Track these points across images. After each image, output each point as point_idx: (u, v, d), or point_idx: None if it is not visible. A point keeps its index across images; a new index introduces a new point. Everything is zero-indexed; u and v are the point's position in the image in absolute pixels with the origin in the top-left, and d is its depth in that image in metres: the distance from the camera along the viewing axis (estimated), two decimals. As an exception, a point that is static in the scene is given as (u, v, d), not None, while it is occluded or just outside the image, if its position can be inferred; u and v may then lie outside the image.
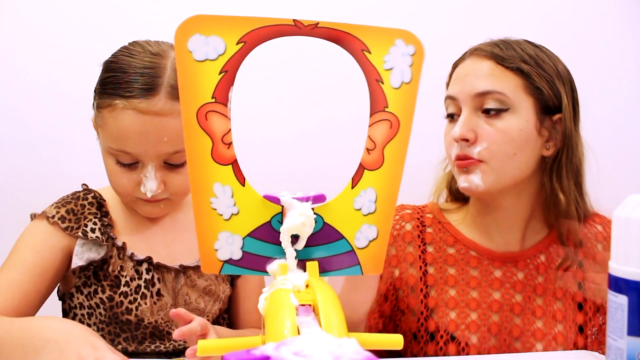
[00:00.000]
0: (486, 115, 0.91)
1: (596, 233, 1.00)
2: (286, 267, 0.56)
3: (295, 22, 0.54)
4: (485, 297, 0.95)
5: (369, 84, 0.57)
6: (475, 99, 0.91)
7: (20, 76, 1.43)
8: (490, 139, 0.89)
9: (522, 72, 0.90)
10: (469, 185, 0.91)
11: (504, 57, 0.91)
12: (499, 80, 0.90)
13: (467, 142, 0.91)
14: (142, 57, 0.88)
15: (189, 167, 0.54)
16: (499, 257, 0.97)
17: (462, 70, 0.95)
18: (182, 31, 0.52)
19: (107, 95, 0.87)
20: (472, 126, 0.91)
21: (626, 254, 0.52)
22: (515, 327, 0.94)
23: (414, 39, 0.57)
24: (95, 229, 0.92)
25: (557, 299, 0.96)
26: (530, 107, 0.91)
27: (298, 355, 0.35)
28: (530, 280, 0.96)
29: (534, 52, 0.93)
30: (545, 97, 0.91)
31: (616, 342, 0.52)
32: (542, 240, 0.99)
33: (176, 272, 0.95)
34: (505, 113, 0.90)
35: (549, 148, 0.94)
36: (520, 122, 0.90)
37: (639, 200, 0.53)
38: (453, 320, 0.94)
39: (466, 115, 0.91)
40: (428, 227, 1.01)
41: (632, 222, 0.52)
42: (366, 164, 0.58)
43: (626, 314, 0.51)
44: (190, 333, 0.76)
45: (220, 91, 0.53)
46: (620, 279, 0.52)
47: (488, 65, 0.92)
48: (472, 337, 0.93)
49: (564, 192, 0.93)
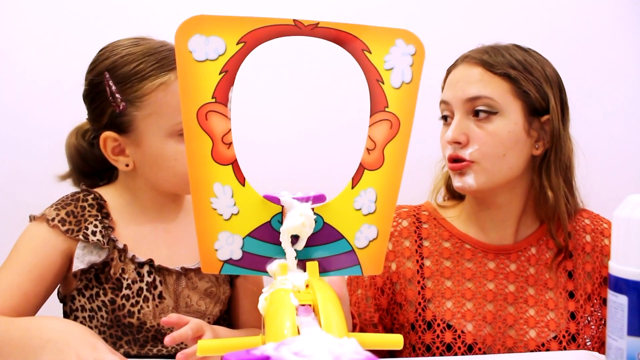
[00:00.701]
0: (477, 119, 0.96)
1: (584, 225, 1.05)
2: (286, 267, 0.56)
3: (296, 22, 0.54)
4: (480, 288, 1.00)
5: (369, 84, 0.57)
6: (466, 103, 0.96)
7: (20, 76, 1.43)
8: (481, 141, 0.95)
9: (509, 77, 0.95)
10: (462, 185, 0.97)
11: (492, 63, 0.96)
12: (488, 85, 0.95)
13: (459, 145, 0.96)
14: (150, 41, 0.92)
15: (189, 167, 0.54)
16: (492, 250, 1.02)
17: (454, 77, 1.00)
18: (183, 31, 0.52)
19: (149, 78, 0.88)
20: (463, 129, 0.96)
21: (626, 254, 0.52)
22: (509, 315, 0.99)
23: (414, 39, 0.57)
24: (96, 231, 0.92)
25: (549, 289, 1.01)
26: (518, 110, 0.96)
27: (298, 355, 0.35)
28: (522, 272, 1.02)
29: (522, 56, 0.98)
30: (533, 100, 0.96)
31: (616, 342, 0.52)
32: (533, 233, 1.04)
33: (177, 275, 0.95)
34: (494, 116, 0.95)
35: (538, 148, 0.99)
36: (508, 125, 0.95)
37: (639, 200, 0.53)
38: (449, 310, 0.99)
39: (458, 119, 0.97)
40: (424, 223, 1.06)
41: (632, 222, 0.52)
42: (366, 164, 0.58)
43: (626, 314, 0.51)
44: (180, 338, 0.76)
45: (221, 91, 0.53)
46: (620, 279, 0.52)
47: (478, 72, 0.97)
48: (468, 325, 0.98)
49: (553, 189, 0.98)
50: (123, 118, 0.90)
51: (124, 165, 0.94)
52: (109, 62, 0.91)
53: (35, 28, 1.42)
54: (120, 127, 0.91)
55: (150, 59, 0.89)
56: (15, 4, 1.42)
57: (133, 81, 0.89)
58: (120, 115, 0.90)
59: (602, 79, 1.56)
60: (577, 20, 1.56)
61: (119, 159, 0.94)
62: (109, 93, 0.90)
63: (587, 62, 1.54)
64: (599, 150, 1.48)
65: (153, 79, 0.88)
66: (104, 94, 0.91)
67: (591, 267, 1.03)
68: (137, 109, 0.89)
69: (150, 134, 0.90)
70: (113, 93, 0.90)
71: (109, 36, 0.98)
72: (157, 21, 1.35)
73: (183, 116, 0.53)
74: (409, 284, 1.01)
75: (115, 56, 0.91)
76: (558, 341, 0.97)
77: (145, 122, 0.90)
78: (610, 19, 1.57)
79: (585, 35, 1.55)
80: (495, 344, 0.97)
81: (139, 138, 0.91)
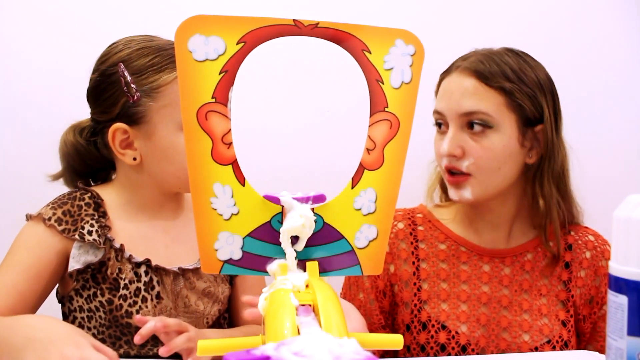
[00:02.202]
0: (472, 132, 0.96)
1: (587, 241, 1.05)
2: (286, 267, 0.56)
3: (296, 22, 0.54)
4: (475, 290, 1.01)
5: (369, 84, 0.57)
6: (462, 117, 0.96)
7: (21, 76, 1.43)
8: (477, 154, 0.96)
9: (504, 90, 0.95)
10: (459, 198, 0.98)
11: (487, 75, 0.96)
12: (483, 99, 0.95)
13: (455, 157, 0.97)
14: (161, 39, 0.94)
15: (189, 167, 0.54)
16: (487, 253, 1.03)
17: (448, 86, 0.99)
18: (182, 31, 0.52)
19: (166, 70, 0.90)
20: (459, 142, 0.96)
21: (626, 254, 0.52)
22: (503, 318, 1.00)
23: (414, 39, 0.57)
24: (92, 231, 0.91)
25: (542, 295, 1.02)
26: (512, 123, 0.96)
27: (298, 355, 0.35)
28: (516, 276, 1.02)
29: (516, 64, 0.97)
30: (527, 112, 0.96)
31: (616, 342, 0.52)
32: (530, 241, 1.05)
33: (175, 275, 0.94)
34: (489, 130, 0.96)
35: (532, 156, 1.00)
36: (503, 139, 0.96)
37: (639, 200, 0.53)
38: (444, 311, 0.99)
39: (453, 132, 0.97)
40: (419, 226, 1.06)
41: (632, 222, 0.52)
42: (366, 164, 0.58)
43: (626, 314, 0.51)
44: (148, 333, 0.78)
45: (220, 91, 0.53)
46: (620, 279, 0.52)
47: (472, 84, 0.96)
48: (462, 327, 0.98)
49: (544, 197, 1.00)
50: (137, 108, 0.91)
51: (132, 159, 0.93)
52: (124, 54, 0.92)
53: (35, 28, 1.42)
54: (132, 118, 0.91)
55: (165, 54, 0.91)
56: (16, 5, 1.42)
57: (149, 72, 0.90)
58: (133, 105, 0.90)
59: (602, 79, 1.55)
60: (576, 21, 1.55)
61: (126, 153, 0.93)
62: (123, 83, 0.91)
63: (588, 62, 1.54)
64: (599, 151, 1.49)
65: (170, 72, 0.90)
66: (117, 84, 0.91)
67: (582, 283, 1.03)
68: (153, 99, 0.90)
69: (163, 126, 0.91)
70: (128, 83, 0.90)
71: (109, 36, 0.98)
72: (157, 21, 1.35)
73: (183, 116, 0.53)
74: (406, 286, 1.02)
75: (130, 49, 0.92)
76: (552, 345, 0.97)
77: (159, 114, 0.90)
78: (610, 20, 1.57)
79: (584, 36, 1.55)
80: (489, 345, 0.98)
81: (151, 130, 0.91)
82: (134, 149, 0.93)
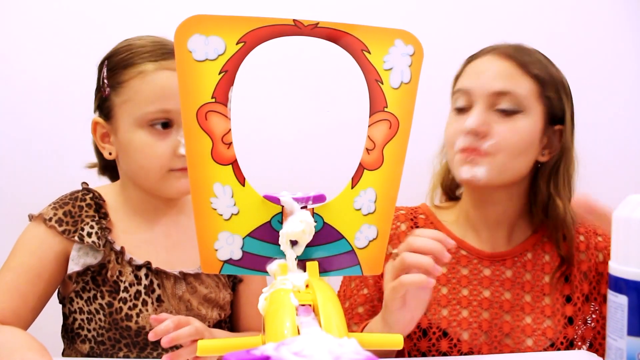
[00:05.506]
0: (499, 114, 0.93)
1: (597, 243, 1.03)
2: (286, 267, 0.56)
3: (295, 22, 0.54)
4: (476, 295, 0.98)
5: (368, 84, 0.57)
6: (491, 96, 0.93)
7: (20, 76, 1.43)
8: (502, 135, 0.92)
9: (538, 78, 0.94)
10: (471, 176, 0.93)
11: (523, 61, 0.94)
12: (517, 82, 0.93)
13: (477, 136, 0.93)
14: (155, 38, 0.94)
15: (189, 167, 0.54)
16: (487, 257, 1.01)
17: (479, 67, 0.97)
18: (182, 31, 0.52)
19: (132, 66, 0.90)
20: (486, 119, 0.93)
21: (626, 254, 0.52)
22: (506, 324, 0.97)
23: (413, 39, 0.57)
24: (92, 232, 0.91)
25: (545, 295, 1.00)
26: (539, 114, 0.95)
27: (298, 355, 0.35)
28: (518, 278, 1.00)
29: (546, 61, 0.98)
30: (553, 108, 0.96)
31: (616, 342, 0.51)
32: (528, 239, 1.03)
33: (176, 279, 0.93)
34: (517, 115, 0.93)
35: (545, 155, 0.98)
36: (529, 125, 0.94)
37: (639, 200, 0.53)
38: (445, 317, 0.97)
39: (480, 109, 0.93)
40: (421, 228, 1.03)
41: (632, 222, 0.52)
42: (366, 164, 0.58)
43: (626, 314, 0.51)
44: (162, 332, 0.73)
45: (220, 91, 0.53)
46: (620, 279, 0.52)
47: (508, 66, 0.94)
48: (464, 334, 0.96)
49: (561, 199, 0.98)
50: (107, 103, 0.93)
51: (108, 154, 0.95)
52: (110, 51, 0.94)
53: (35, 28, 1.42)
54: (104, 112, 0.94)
55: (141, 50, 0.92)
56: (15, 5, 1.42)
57: (119, 68, 0.91)
58: (105, 100, 0.93)
59: (603, 79, 1.56)
60: (577, 21, 1.55)
61: (105, 147, 0.95)
62: (100, 79, 0.94)
63: (587, 63, 1.54)
64: (599, 151, 1.49)
65: (134, 67, 0.90)
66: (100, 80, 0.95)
67: (587, 266, 1.01)
68: (117, 94, 0.91)
69: (122, 121, 0.91)
70: (102, 79, 0.93)
71: (109, 36, 0.98)
72: (157, 21, 1.35)
73: (183, 116, 0.53)
74: None
75: (117, 47, 0.94)
76: (556, 349, 0.96)
77: (121, 109, 0.91)
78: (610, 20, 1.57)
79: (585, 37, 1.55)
80: (492, 352, 0.96)
81: (116, 125, 0.92)
82: (110, 143, 0.94)
